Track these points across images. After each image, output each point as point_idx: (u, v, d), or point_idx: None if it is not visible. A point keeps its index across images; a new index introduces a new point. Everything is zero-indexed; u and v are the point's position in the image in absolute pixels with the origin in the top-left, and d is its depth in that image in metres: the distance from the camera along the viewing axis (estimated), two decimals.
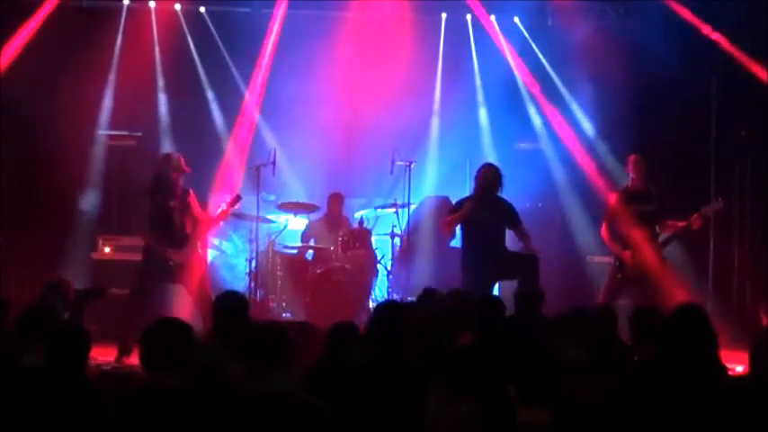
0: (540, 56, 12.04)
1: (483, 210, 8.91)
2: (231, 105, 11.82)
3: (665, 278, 9.07)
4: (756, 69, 11.10)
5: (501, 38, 12.02)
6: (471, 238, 8.96)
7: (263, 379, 4.29)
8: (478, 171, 9.14)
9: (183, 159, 8.98)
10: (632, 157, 9.38)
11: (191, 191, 9.04)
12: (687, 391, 4.34)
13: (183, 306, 8.91)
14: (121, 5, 11.51)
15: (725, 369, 4.95)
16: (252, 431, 3.99)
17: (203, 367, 4.33)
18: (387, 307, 5.55)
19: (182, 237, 8.87)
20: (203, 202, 9.64)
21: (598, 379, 4.31)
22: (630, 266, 9.03)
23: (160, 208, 8.81)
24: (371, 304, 10.29)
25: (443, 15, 12.07)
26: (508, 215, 9.10)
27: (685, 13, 11.14)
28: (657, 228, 9.26)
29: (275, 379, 4.30)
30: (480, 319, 5.81)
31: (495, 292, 9.37)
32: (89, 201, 11.26)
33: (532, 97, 12.08)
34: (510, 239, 9.43)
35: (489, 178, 9.01)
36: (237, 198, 9.23)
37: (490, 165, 9.25)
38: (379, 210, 11.36)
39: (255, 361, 4.39)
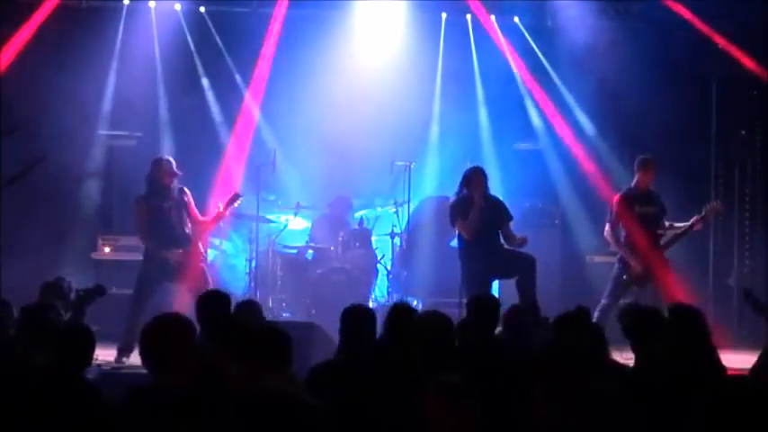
0: (541, 56, 12.04)
1: (484, 210, 8.92)
2: (231, 105, 11.82)
3: (668, 280, 9.07)
4: (756, 69, 11.11)
5: (501, 38, 12.02)
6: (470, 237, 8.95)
7: (263, 379, 4.29)
8: (472, 174, 9.04)
9: (173, 162, 8.99)
10: (642, 159, 9.31)
11: (186, 189, 9.03)
12: (687, 390, 4.35)
13: (184, 305, 8.91)
14: (121, 5, 11.50)
15: (724, 369, 4.95)
16: (252, 431, 4.00)
17: (199, 366, 4.33)
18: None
19: (180, 236, 8.88)
20: (203, 202, 9.63)
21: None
22: (635, 268, 9.02)
23: (155, 211, 8.82)
24: (371, 304, 10.28)
25: (443, 15, 12.06)
26: (504, 213, 9.09)
27: (685, 14, 11.13)
28: (659, 229, 9.26)
29: (275, 379, 4.30)
30: (475, 318, 5.81)
31: (495, 291, 9.38)
32: (89, 201, 11.26)
33: (532, 97, 12.08)
34: None
35: (484, 179, 9.00)
36: (235, 196, 9.18)
37: (478, 168, 9.20)
38: (379, 209, 11.38)
39: (255, 361, 4.38)
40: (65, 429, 4.21)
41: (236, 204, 9.20)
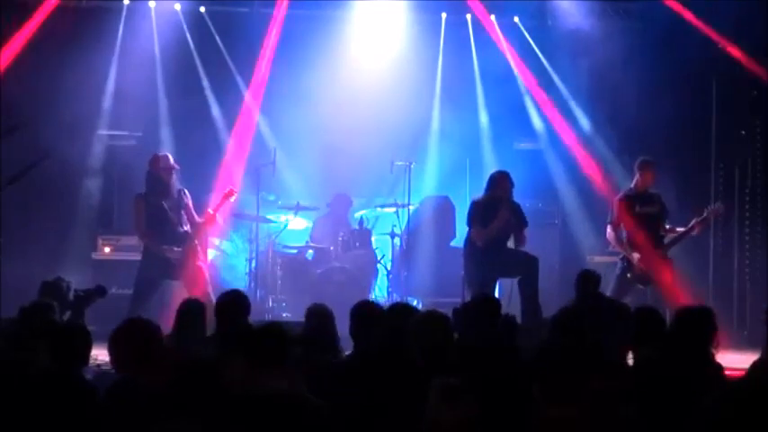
0: (541, 56, 12.04)
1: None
2: (231, 105, 11.81)
3: (670, 279, 9.10)
4: (756, 69, 11.10)
5: (501, 38, 12.02)
6: None
7: (263, 379, 4.28)
8: (497, 181, 9.05)
9: (170, 157, 9.01)
10: (642, 160, 9.34)
11: (186, 192, 9.05)
12: (685, 390, 4.35)
13: None
14: (121, 5, 11.50)
15: (721, 369, 4.95)
16: (253, 430, 4.00)
17: (198, 364, 4.33)
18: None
19: (179, 235, 8.90)
20: (203, 202, 9.63)
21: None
22: (638, 267, 9.04)
23: (155, 208, 8.84)
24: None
25: (443, 15, 12.06)
26: (520, 220, 9.12)
27: (685, 13, 11.12)
28: (660, 230, 9.29)
29: (275, 379, 4.29)
30: (475, 319, 5.81)
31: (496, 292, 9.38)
32: (89, 201, 11.26)
33: (532, 97, 12.08)
34: None
35: (510, 185, 9.01)
36: (230, 192, 9.18)
37: (506, 174, 9.20)
38: (378, 209, 11.39)
39: (255, 361, 4.38)
40: (62, 428, 4.21)
41: (231, 200, 9.19)
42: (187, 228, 8.97)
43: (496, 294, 9.16)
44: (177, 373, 4.13)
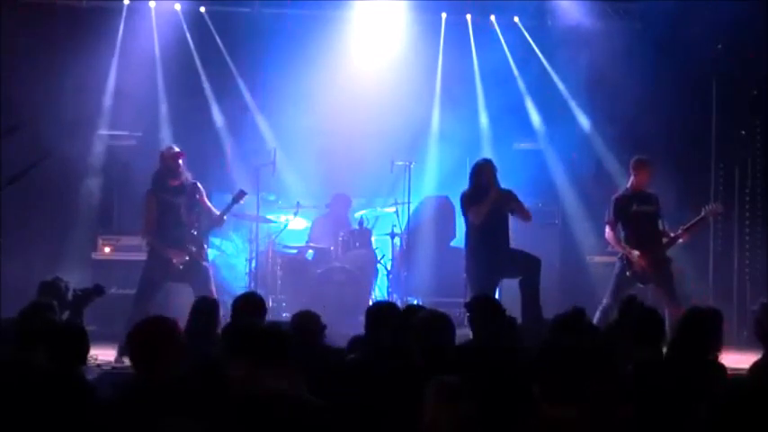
0: (541, 56, 12.04)
1: (495, 202, 8.90)
2: (231, 105, 11.82)
3: (668, 278, 9.11)
4: (756, 69, 11.10)
5: (501, 38, 12.02)
6: (479, 234, 8.92)
7: (264, 379, 4.28)
8: (480, 169, 9.02)
9: (173, 146, 9.02)
10: (637, 159, 9.36)
11: (199, 185, 9.04)
12: (685, 391, 4.35)
13: (187, 305, 8.89)
14: (122, 5, 11.50)
15: (723, 369, 4.95)
16: (253, 430, 4.00)
17: (204, 364, 4.33)
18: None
19: (188, 235, 8.86)
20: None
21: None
22: (637, 265, 9.05)
23: (165, 206, 8.80)
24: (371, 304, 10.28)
25: (443, 15, 12.07)
26: (513, 202, 9.05)
27: (685, 13, 11.12)
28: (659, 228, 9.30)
29: (276, 379, 4.30)
30: (477, 319, 5.81)
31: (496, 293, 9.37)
32: (89, 200, 11.26)
33: (532, 97, 12.08)
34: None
35: (493, 174, 8.97)
36: (241, 194, 9.19)
37: (488, 161, 9.17)
38: (379, 209, 11.40)
39: (257, 361, 4.38)
40: (60, 427, 4.21)
41: (241, 201, 9.21)
42: (195, 230, 8.93)
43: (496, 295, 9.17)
44: (185, 371, 4.14)
